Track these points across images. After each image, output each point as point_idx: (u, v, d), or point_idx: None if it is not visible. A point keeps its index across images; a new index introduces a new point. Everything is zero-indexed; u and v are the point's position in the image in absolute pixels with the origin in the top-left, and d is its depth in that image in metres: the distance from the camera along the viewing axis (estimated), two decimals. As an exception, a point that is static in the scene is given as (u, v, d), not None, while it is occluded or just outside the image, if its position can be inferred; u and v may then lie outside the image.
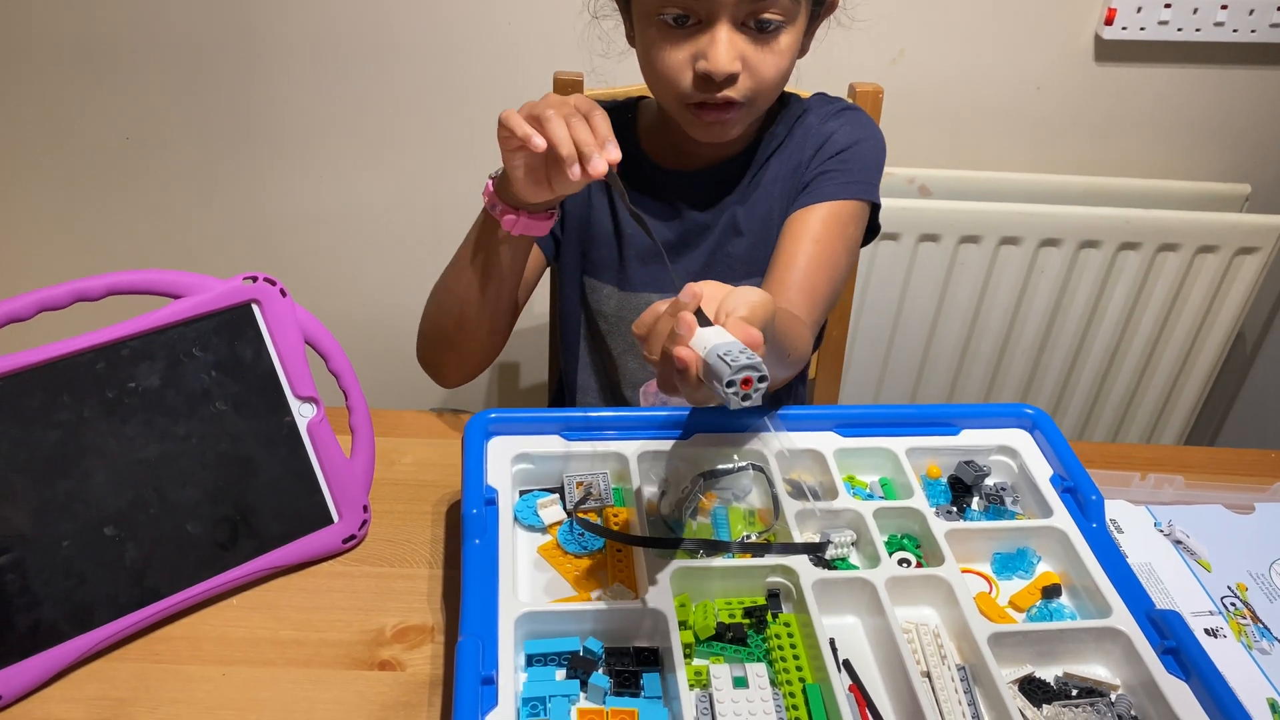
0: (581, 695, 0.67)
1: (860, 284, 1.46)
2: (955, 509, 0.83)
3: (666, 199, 1.00)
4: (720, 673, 0.67)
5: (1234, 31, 1.40)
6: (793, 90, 1.05)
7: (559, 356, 1.19)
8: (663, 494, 0.80)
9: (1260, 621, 0.79)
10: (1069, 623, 0.73)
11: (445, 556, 0.82)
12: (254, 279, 0.80)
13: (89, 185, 1.55)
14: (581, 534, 0.78)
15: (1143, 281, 1.50)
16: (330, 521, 0.81)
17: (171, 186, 1.55)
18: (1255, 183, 1.53)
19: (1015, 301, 1.52)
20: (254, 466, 0.79)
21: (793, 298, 0.90)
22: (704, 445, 0.83)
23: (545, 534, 0.80)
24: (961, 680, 0.68)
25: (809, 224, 0.95)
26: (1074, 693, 0.69)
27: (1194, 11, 1.39)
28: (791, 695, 0.66)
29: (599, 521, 0.80)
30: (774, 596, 0.73)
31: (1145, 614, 0.71)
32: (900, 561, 0.77)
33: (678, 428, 0.84)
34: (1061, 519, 0.79)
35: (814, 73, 1.05)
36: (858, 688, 0.67)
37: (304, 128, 1.50)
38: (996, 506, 0.83)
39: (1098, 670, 0.71)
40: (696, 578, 0.73)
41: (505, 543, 0.74)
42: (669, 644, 0.67)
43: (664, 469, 0.82)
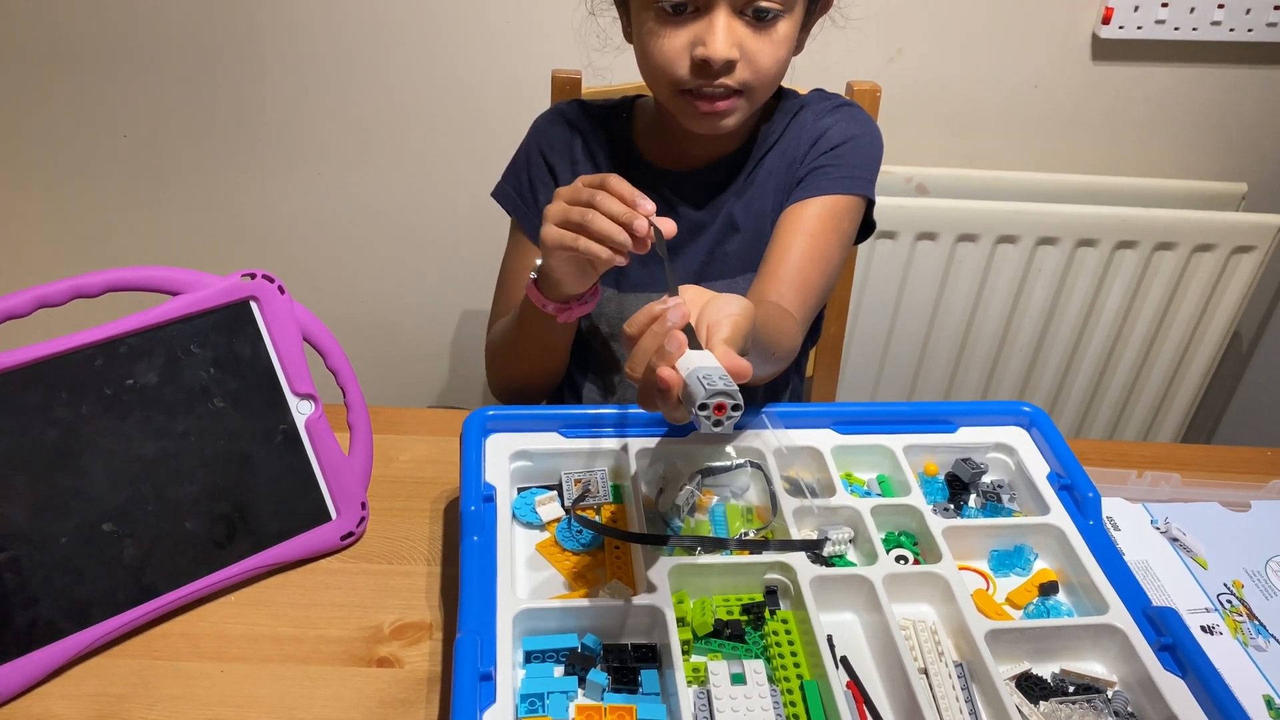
0: (580, 692, 0.67)
1: (858, 282, 1.46)
2: (952, 506, 0.83)
3: (663, 199, 1.00)
4: (718, 669, 0.67)
5: (1230, 31, 1.41)
6: (790, 87, 1.05)
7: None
8: (661, 491, 0.80)
9: (1256, 619, 0.79)
10: (1066, 620, 0.73)
11: (443, 553, 0.82)
12: (252, 276, 0.80)
13: (86, 183, 1.55)
14: (579, 531, 0.78)
15: (1140, 280, 1.50)
16: (328, 518, 0.82)
17: (169, 184, 1.55)
18: (1252, 181, 1.53)
19: (1013, 299, 1.53)
20: (252, 463, 0.79)
21: (785, 292, 0.91)
22: (702, 443, 0.83)
23: (543, 531, 0.80)
24: (959, 677, 0.68)
25: (803, 218, 0.95)
26: (1071, 689, 0.69)
27: (1191, 10, 1.39)
28: (789, 692, 0.66)
29: (597, 518, 0.80)
30: (772, 593, 0.74)
31: (1142, 611, 0.71)
32: (898, 558, 0.77)
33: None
34: (1058, 516, 0.80)
35: (811, 71, 1.05)
36: (855, 684, 0.68)
37: (301, 125, 1.50)
38: (994, 504, 0.83)
39: (1094, 667, 0.71)
40: (694, 574, 0.73)
41: (503, 539, 0.74)
42: (667, 640, 0.67)
43: (662, 466, 0.82)
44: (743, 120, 0.93)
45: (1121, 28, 1.40)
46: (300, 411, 0.81)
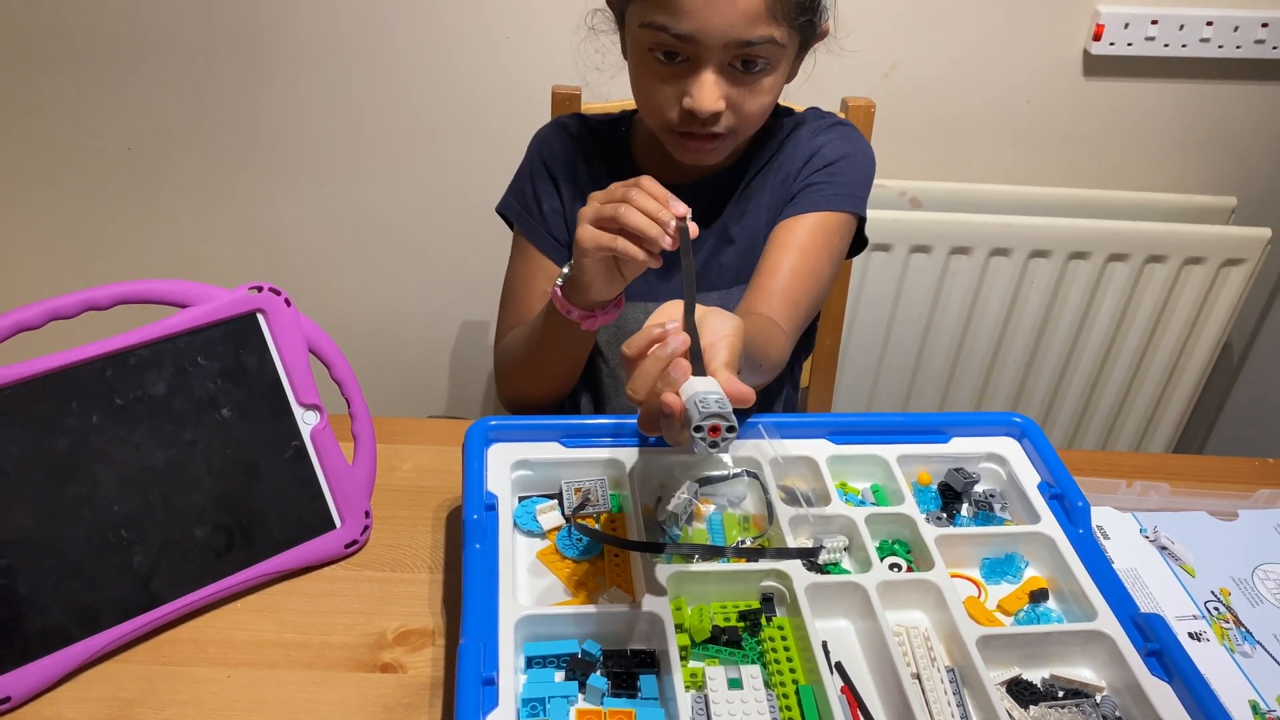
0: (580, 696, 0.68)
1: (853, 294, 1.48)
2: (945, 515, 0.84)
3: None
4: (715, 675, 0.68)
5: (1219, 47, 1.43)
6: (787, 104, 1.07)
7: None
8: (659, 500, 0.82)
9: (1243, 625, 0.80)
10: (1056, 626, 0.75)
11: (445, 561, 0.83)
12: (259, 289, 0.82)
13: (91, 195, 1.56)
14: (579, 539, 0.79)
15: (1131, 292, 1.52)
16: (333, 527, 0.83)
17: (174, 196, 1.56)
18: (1241, 195, 1.55)
19: (1005, 311, 1.54)
20: (258, 473, 0.80)
21: (775, 305, 0.92)
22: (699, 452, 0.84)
23: (544, 539, 0.81)
24: (951, 682, 0.69)
25: (795, 234, 0.97)
26: (1060, 694, 0.70)
27: (1180, 28, 1.41)
28: (785, 697, 0.68)
29: (596, 527, 0.81)
30: (768, 600, 0.75)
31: (1130, 618, 0.73)
32: (891, 566, 0.78)
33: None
34: (1049, 525, 0.81)
35: (807, 87, 1.06)
36: (850, 689, 0.69)
37: (306, 140, 1.51)
38: (985, 513, 0.85)
39: (1083, 672, 0.72)
40: (692, 582, 0.74)
41: (505, 547, 0.75)
42: (665, 646, 0.68)
43: (660, 475, 0.84)
44: (729, 152, 0.97)
45: (1112, 44, 1.42)
46: (305, 421, 0.83)
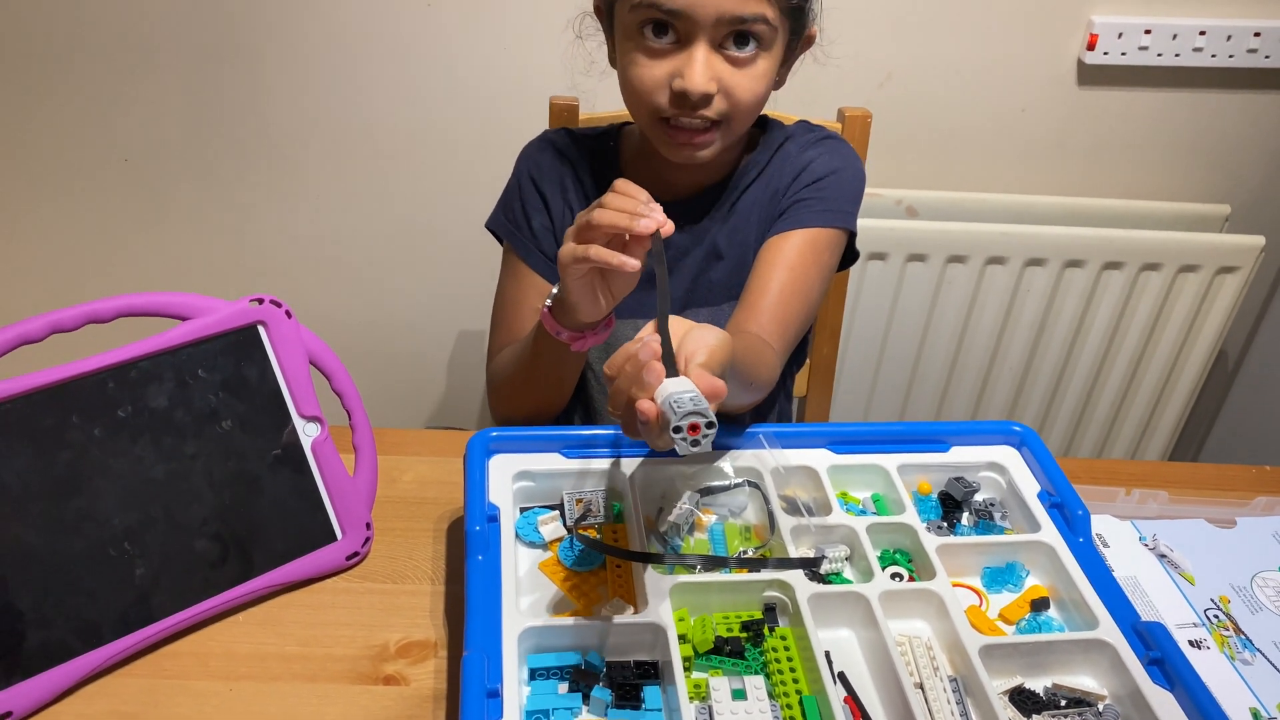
0: (584, 708, 0.68)
1: (850, 303, 1.48)
2: (946, 524, 0.85)
3: None
4: (719, 685, 0.69)
5: (1212, 57, 1.44)
6: (781, 115, 1.07)
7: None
8: (660, 510, 0.82)
9: (1242, 633, 0.81)
10: (1057, 635, 0.75)
11: (447, 572, 0.83)
12: (260, 301, 0.82)
13: (90, 206, 1.56)
14: (581, 550, 0.79)
15: (1126, 300, 1.53)
16: (334, 539, 0.83)
17: (172, 208, 1.56)
18: (1235, 203, 1.56)
19: (1002, 320, 1.55)
20: (259, 485, 0.80)
21: (764, 323, 0.92)
22: (700, 463, 0.84)
23: (546, 550, 0.81)
24: (953, 691, 0.70)
25: (784, 251, 0.96)
26: (1063, 703, 0.70)
27: (1173, 37, 1.42)
28: (789, 707, 0.68)
29: (598, 538, 0.81)
30: (770, 610, 0.75)
31: (1131, 626, 0.73)
32: (893, 576, 0.79)
33: (674, 446, 0.85)
34: (1049, 534, 0.81)
35: (802, 97, 1.07)
36: (853, 699, 0.69)
37: (305, 151, 1.52)
38: (986, 522, 0.85)
39: (1085, 681, 0.73)
40: (695, 592, 0.74)
41: (507, 559, 0.75)
42: (669, 657, 0.68)
43: (662, 486, 0.84)
44: (720, 150, 0.94)
45: (1106, 54, 1.43)
46: (306, 433, 0.83)
